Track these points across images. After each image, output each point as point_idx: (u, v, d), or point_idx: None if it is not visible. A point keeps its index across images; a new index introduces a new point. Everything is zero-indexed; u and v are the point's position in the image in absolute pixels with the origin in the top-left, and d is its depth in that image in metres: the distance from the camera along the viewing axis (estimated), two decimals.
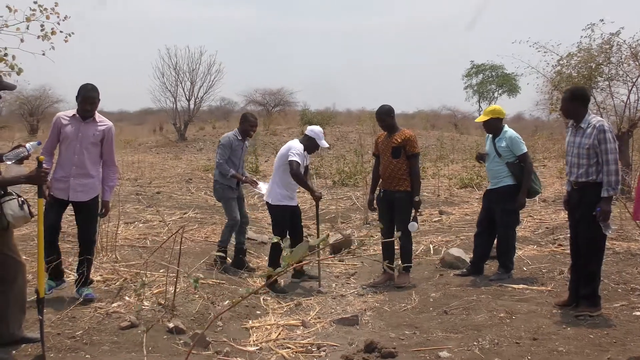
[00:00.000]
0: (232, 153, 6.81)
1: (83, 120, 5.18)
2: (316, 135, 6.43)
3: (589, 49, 11.75)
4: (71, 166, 5.14)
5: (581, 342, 4.33)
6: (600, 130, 4.77)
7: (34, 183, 3.99)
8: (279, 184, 6.40)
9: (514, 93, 42.00)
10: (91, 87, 5.15)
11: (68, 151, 5.15)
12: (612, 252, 6.77)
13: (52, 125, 5.21)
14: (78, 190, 5.18)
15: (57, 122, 5.18)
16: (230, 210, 6.81)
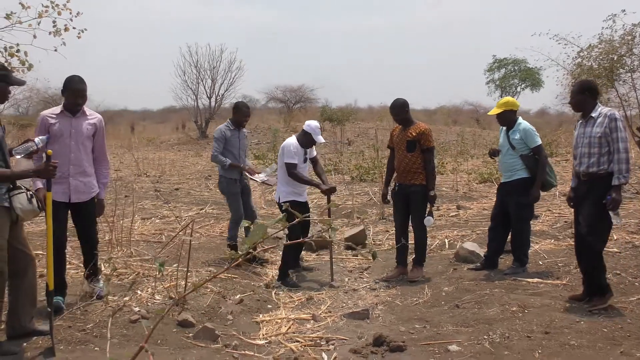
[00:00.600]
0: (228, 144, 6.76)
1: (73, 115, 4.84)
2: (312, 130, 6.37)
3: (611, 41, 11.55)
4: (68, 165, 4.79)
5: (594, 335, 4.25)
6: (612, 119, 4.70)
7: (43, 177, 4.04)
8: (283, 181, 6.39)
9: (537, 87, 41.39)
10: (79, 79, 4.82)
11: (62, 150, 4.73)
12: (631, 245, 6.65)
13: (38, 126, 4.77)
14: (80, 190, 4.92)
15: (43, 122, 4.74)
16: (233, 205, 6.81)
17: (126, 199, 9.89)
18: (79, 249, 5.44)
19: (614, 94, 12.15)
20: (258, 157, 20.82)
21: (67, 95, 4.78)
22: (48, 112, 4.83)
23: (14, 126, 21.61)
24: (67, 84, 4.78)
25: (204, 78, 34.86)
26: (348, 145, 26.60)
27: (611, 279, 5.44)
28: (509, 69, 42.86)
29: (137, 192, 11.76)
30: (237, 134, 6.84)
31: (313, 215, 10.07)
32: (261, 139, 30.26)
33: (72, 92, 4.77)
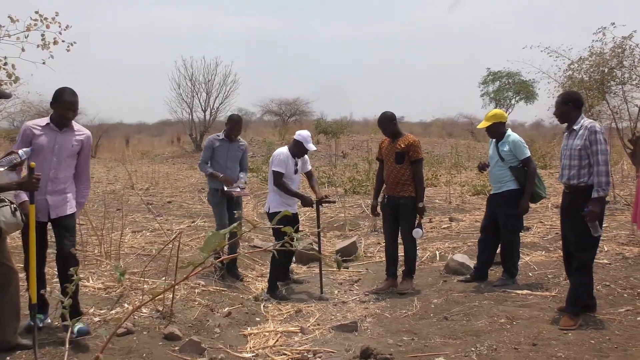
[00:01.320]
0: (215, 154, 6.69)
1: (59, 129, 4.50)
2: (303, 139, 6.40)
3: (601, 53, 11.61)
4: (46, 182, 4.41)
5: (581, 347, 4.23)
6: (592, 132, 4.70)
7: (26, 189, 4.00)
8: (273, 191, 6.40)
9: (532, 100, 41.56)
10: (71, 92, 4.47)
11: (43, 165, 4.35)
12: (621, 257, 6.64)
13: (20, 137, 4.42)
14: (59, 205, 4.55)
15: (26, 132, 4.40)
16: (216, 215, 6.75)
17: (117, 212, 9.86)
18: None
19: (605, 107, 12.20)
20: (252, 170, 20.81)
21: (57, 107, 4.44)
22: (33, 122, 4.48)
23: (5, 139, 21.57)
24: (57, 96, 4.43)
25: (198, 91, 34.94)
26: (342, 158, 26.65)
27: (600, 290, 5.44)
28: (503, 82, 43.04)
29: (128, 205, 11.73)
30: (226, 145, 6.72)
31: (304, 227, 10.06)
32: (256, 151, 30.28)
33: (63, 104, 4.42)
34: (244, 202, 12.84)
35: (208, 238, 1.39)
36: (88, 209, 9.30)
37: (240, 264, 7.26)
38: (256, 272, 7.26)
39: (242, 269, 7.13)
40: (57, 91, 4.47)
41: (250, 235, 9.09)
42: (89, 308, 5.08)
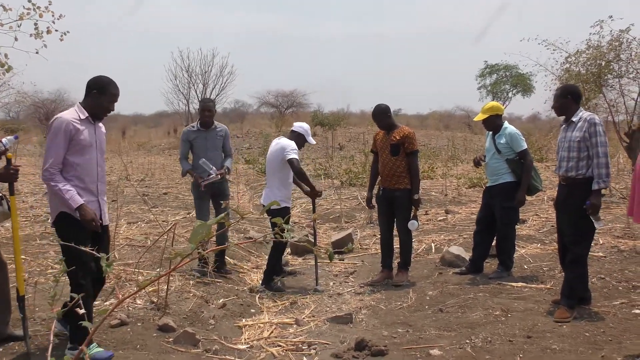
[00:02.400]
0: (194, 147, 6.34)
1: (94, 122, 4.10)
2: (305, 132, 6.34)
3: (598, 46, 11.58)
4: (96, 182, 4.07)
5: (576, 340, 4.23)
6: (592, 124, 4.69)
7: (4, 181, 3.83)
8: (279, 186, 6.19)
9: (529, 93, 41.66)
10: (115, 82, 4.11)
11: (90, 164, 4.01)
12: (616, 250, 6.65)
13: (58, 132, 3.85)
14: (106, 211, 4.22)
15: (69, 128, 3.86)
16: (196, 209, 6.52)
17: (113, 203, 9.83)
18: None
19: (602, 100, 12.19)
20: (249, 162, 20.79)
21: (103, 98, 4.02)
22: (70, 115, 3.93)
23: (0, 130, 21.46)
24: (104, 86, 4.03)
25: (195, 82, 34.90)
26: (339, 150, 26.62)
27: (595, 283, 5.44)
28: (501, 75, 43.12)
29: (124, 196, 11.69)
30: (203, 135, 6.32)
31: (300, 219, 10.05)
32: (252, 143, 30.24)
33: (111, 96, 4.06)
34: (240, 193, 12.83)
35: (195, 229, 1.36)
36: None
37: (235, 256, 7.25)
38: (251, 264, 7.25)
39: (237, 261, 7.12)
40: (105, 80, 4.07)
41: (245, 226, 9.08)
42: None
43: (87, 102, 4.04)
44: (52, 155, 3.83)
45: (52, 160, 3.82)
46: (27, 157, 23.36)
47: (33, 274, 5.80)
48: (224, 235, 6.49)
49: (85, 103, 4.04)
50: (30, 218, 9.12)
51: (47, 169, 3.80)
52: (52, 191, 3.84)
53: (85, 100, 4.05)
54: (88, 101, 4.04)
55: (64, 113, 3.97)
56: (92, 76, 4.09)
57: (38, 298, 4.92)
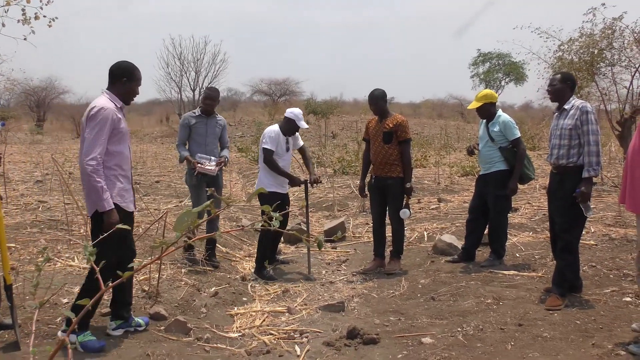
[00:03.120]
0: (194, 133, 6.28)
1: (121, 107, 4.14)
2: (295, 117, 6.30)
3: (591, 34, 11.57)
4: (130, 169, 4.21)
5: (567, 327, 4.25)
6: (583, 112, 4.68)
7: None
8: (265, 172, 6.26)
9: (521, 81, 41.67)
10: (138, 67, 4.20)
11: (126, 151, 4.12)
12: (608, 238, 6.67)
13: (105, 123, 3.86)
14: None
15: (113, 117, 3.91)
16: (193, 198, 6.45)
17: None
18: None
19: (595, 88, 12.19)
20: (241, 150, 20.73)
21: (132, 84, 4.10)
22: (111, 105, 3.96)
23: None
24: (131, 71, 4.09)
25: (187, 70, 34.74)
26: (332, 138, 26.58)
27: (587, 271, 5.46)
28: (494, 63, 43.09)
29: None
30: (204, 121, 6.30)
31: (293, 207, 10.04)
32: (245, 131, 30.16)
33: (139, 81, 4.15)
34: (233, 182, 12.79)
35: (180, 216, 1.34)
36: (73, 189, 9.21)
37: (227, 244, 7.23)
38: (243, 252, 7.24)
39: (230, 249, 7.10)
40: (129, 66, 4.12)
41: (238, 214, 9.06)
42: (74, 287, 5.04)
43: (117, 89, 4.07)
44: (98, 145, 3.83)
45: (98, 151, 3.82)
46: (17, 145, 23.19)
47: (23, 262, 5.76)
48: (214, 224, 6.45)
49: (115, 90, 4.07)
50: (20, 206, 9.05)
51: (93, 159, 3.80)
52: (91, 183, 3.82)
53: (113, 87, 4.08)
54: (117, 88, 4.07)
55: (104, 102, 3.94)
56: (114, 63, 4.11)
57: (28, 287, 4.88)
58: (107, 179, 3.90)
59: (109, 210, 3.86)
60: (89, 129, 3.88)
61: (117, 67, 4.09)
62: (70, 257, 5.97)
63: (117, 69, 4.08)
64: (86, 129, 3.90)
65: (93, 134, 3.84)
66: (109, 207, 3.86)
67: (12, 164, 15.80)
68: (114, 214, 3.87)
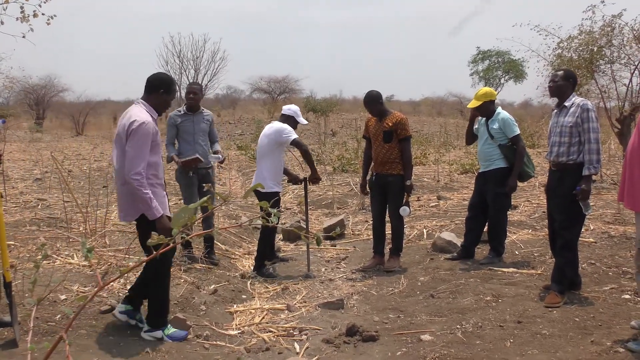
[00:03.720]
0: (181, 131, 6.18)
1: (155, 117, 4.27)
2: (294, 113, 6.31)
3: (590, 32, 11.55)
4: (163, 176, 4.39)
5: (566, 325, 4.26)
6: (584, 109, 4.68)
7: None
8: (269, 169, 6.16)
9: (521, 79, 41.64)
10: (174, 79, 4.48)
11: (160, 160, 4.30)
12: (607, 235, 6.67)
13: (147, 136, 4.01)
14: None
15: (153, 130, 4.09)
16: (186, 198, 6.38)
17: (103, 189, 9.77)
18: None
19: (594, 86, 12.18)
20: (241, 148, 20.71)
21: (169, 96, 4.27)
22: (150, 118, 4.08)
23: None
24: (170, 84, 4.28)
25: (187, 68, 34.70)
26: (332, 136, 26.57)
27: (586, 269, 5.47)
28: (493, 61, 43.07)
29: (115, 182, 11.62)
30: (190, 118, 6.20)
31: (292, 205, 10.04)
32: (245, 129, 30.12)
33: (174, 93, 4.34)
34: (232, 179, 12.78)
35: (177, 213, 1.34)
36: (73, 187, 9.21)
37: (226, 242, 7.24)
38: (243, 250, 7.24)
39: (229, 247, 7.11)
40: (168, 79, 4.31)
41: (237, 212, 9.06)
42: (73, 285, 5.04)
43: (153, 100, 4.20)
44: (143, 159, 3.96)
45: (142, 165, 3.95)
46: (17, 143, 23.19)
47: (22, 260, 5.76)
48: (210, 221, 6.45)
49: (151, 101, 4.19)
50: (20, 204, 9.05)
51: (138, 173, 3.93)
52: (139, 195, 3.96)
53: (149, 98, 4.20)
54: (153, 99, 4.20)
55: (145, 117, 4.04)
56: (153, 74, 4.27)
57: (27, 284, 4.88)
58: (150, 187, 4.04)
59: (159, 217, 4.01)
60: (131, 142, 3.98)
61: (156, 78, 4.23)
62: (69, 255, 5.97)
63: (156, 80, 4.22)
64: (128, 142, 4.00)
65: (136, 148, 3.96)
66: (159, 214, 4.02)
67: (12, 162, 15.79)
68: (164, 220, 4.03)
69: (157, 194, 4.11)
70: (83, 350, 3.91)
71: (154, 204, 3.99)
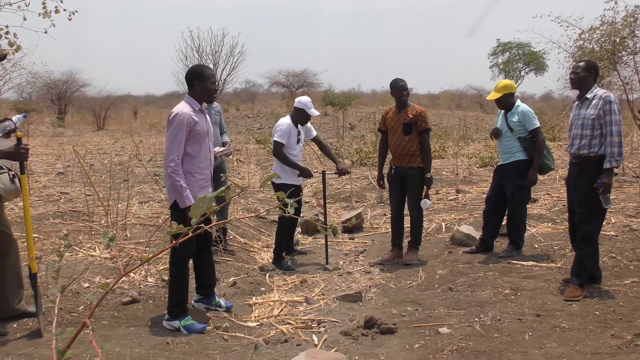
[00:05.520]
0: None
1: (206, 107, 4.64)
2: (304, 106, 6.32)
3: (613, 22, 11.39)
4: (210, 167, 4.57)
5: (585, 318, 4.23)
6: (607, 102, 4.63)
7: (15, 159, 3.94)
8: (277, 164, 6.33)
9: (541, 71, 41.16)
10: (207, 66, 4.67)
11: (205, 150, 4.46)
12: (628, 229, 6.59)
13: (181, 127, 4.22)
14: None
15: (188, 121, 4.26)
16: None
17: (124, 183, 9.89)
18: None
19: (616, 77, 12.02)
20: (259, 142, 20.79)
21: (206, 83, 4.38)
22: (187, 110, 4.26)
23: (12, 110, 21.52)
24: (201, 72, 4.40)
25: (206, 63, 34.75)
26: (350, 130, 26.54)
27: (606, 262, 5.42)
28: (513, 53, 42.59)
29: (135, 175, 11.76)
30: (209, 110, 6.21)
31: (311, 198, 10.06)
32: (263, 123, 30.21)
33: (210, 77, 4.43)
34: (251, 173, 12.85)
35: (195, 202, 1.37)
36: (95, 180, 9.33)
37: (245, 234, 7.29)
38: (262, 243, 7.28)
39: (248, 239, 7.16)
40: (197, 69, 4.45)
41: (256, 206, 9.11)
42: (95, 277, 5.13)
43: (194, 92, 4.39)
44: (176, 148, 4.17)
45: (176, 153, 4.16)
46: (40, 138, 23.52)
47: (46, 252, 5.86)
48: (224, 212, 6.52)
49: (194, 94, 4.39)
50: (43, 197, 9.20)
51: (172, 161, 4.15)
52: (172, 183, 4.18)
53: (192, 92, 4.40)
54: (194, 92, 4.39)
55: (181, 107, 4.27)
56: (188, 69, 4.52)
57: (50, 275, 4.97)
58: (187, 178, 4.24)
59: (189, 206, 4.06)
60: (167, 132, 4.25)
61: (189, 72, 4.44)
62: (91, 247, 6.06)
63: (189, 74, 4.42)
64: (166, 132, 4.27)
65: (171, 138, 4.19)
66: (189, 203, 4.15)
67: (35, 156, 16.01)
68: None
69: (194, 183, 4.30)
70: (105, 340, 3.97)
71: (186, 193, 4.17)
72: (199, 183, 4.36)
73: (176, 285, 4.36)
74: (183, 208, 4.21)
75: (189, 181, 4.26)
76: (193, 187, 4.28)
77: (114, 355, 3.67)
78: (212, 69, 7.19)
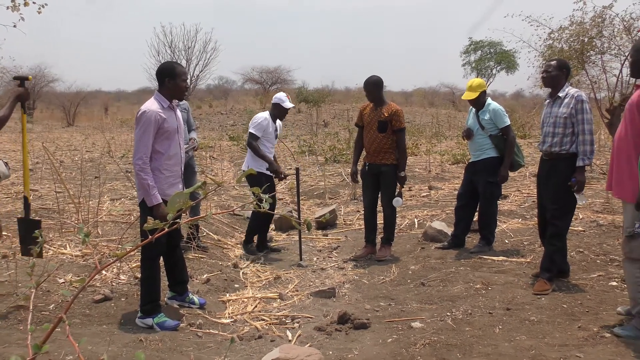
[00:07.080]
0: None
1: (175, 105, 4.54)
2: (279, 100, 6.59)
3: (581, 23, 11.59)
4: (180, 164, 4.54)
5: (554, 311, 4.33)
6: (579, 101, 4.73)
7: (23, 100, 4.23)
8: (252, 155, 6.53)
9: (512, 70, 41.73)
10: (178, 63, 4.63)
11: (175, 147, 4.42)
12: (596, 224, 6.75)
13: (149, 124, 4.16)
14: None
15: (155, 118, 4.22)
16: None
17: (95, 180, 9.76)
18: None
19: (585, 76, 12.24)
20: (232, 139, 20.70)
21: (177, 80, 4.32)
22: (155, 107, 4.20)
23: None
24: (172, 69, 4.35)
25: (178, 58, 34.49)
26: (324, 127, 26.58)
27: (574, 257, 5.54)
28: (485, 52, 43.10)
29: (107, 172, 11.62)
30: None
31: (285, 195, 10.07)
32: (237, 120, 30.07)
33: (182, 74, 4.38)
34: (225, 170, 12.78)
35: (171, 198, 1.38)
36: (65, 177, 9.20)
37: (219, 231, 7.27)
38: (235, 240, 7.26)
39: (221, 236, 7.14)
40: (168, 66, 4.41)
41: (230, 203, 9.09)
42: (67, 275, 5.07)
43: (164, 89, 4.34)
44: (143, 146, 4.14)
45: (144, 150, 4.14)
46: (7, 134, 23.03)
47: (16, 250, 5.76)
48: (197, 208, 6.50)
49: (164, 91, 4.34)
50: (11, 195, 9.04)
51: (139, 159, 4.13)
52: (140, 181, 4.15)
53: (162, 89, 4.35)
54: (164, 89, 4.34)
55: (149, 105, 4.23)
56: (159, 65, 4.47)
57: (20, 274, 4.90)
58: (155, 175, 4.21)
59: (156, 204, 4.16)
60: (135, 130, 4.24)
61: (160, 69, 4.39)
62: (62, 245, 5.99)
63: (160, 71, 4.37)
64: (135, 130, 4.26)
65: (139, 136, 4.16)
66: (157, 202, 4.17)
67: (2, 152, 15.71)
68: (161, 208, 4.15)
69: (163, 181, 4.27)
70: (76, 338, 3.88)
71: (153, 192, 4.14)
72: (169, 180, 4.34)
73: (148, 282, 4.34)
74: (150, 207, 4.19)
75: (158, 178, 4.23)
76: (162, 185, 4.26)
77: (86, 353, 3.63)
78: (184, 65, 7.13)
